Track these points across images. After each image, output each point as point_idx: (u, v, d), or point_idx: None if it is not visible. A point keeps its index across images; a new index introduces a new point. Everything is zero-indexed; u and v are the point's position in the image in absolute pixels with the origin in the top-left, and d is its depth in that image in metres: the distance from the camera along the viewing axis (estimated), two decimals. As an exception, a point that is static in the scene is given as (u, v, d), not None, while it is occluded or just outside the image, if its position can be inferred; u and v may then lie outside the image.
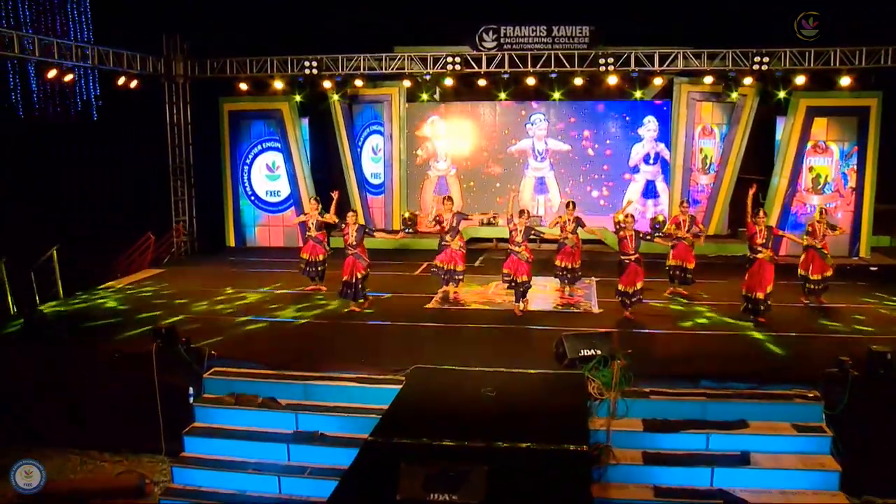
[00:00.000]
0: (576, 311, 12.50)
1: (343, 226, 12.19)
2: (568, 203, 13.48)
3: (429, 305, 12.79)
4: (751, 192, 12.06)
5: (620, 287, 11.72)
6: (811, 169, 17.80)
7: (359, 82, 17.89)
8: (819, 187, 17.76)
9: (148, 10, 17.28)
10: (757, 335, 10.85)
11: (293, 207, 19.05)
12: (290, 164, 19.04)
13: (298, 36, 17.18)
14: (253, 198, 19.57)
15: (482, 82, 17.78)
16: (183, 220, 18.48)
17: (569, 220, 13.25)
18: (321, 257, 13.56)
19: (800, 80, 16.36)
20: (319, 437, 8.67)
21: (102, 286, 14.43)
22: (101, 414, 9.97)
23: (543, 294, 13.60)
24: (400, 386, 8.91)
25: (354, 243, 12.04)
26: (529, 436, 7.19)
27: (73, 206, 14.38)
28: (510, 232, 11.95)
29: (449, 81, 17.58)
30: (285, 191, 19.31)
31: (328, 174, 19.56)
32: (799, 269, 12.74)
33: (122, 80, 15.90)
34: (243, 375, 9.62)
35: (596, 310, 12.43)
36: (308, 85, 17.92)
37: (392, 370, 9.35)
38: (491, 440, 7.09)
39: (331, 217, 12.92)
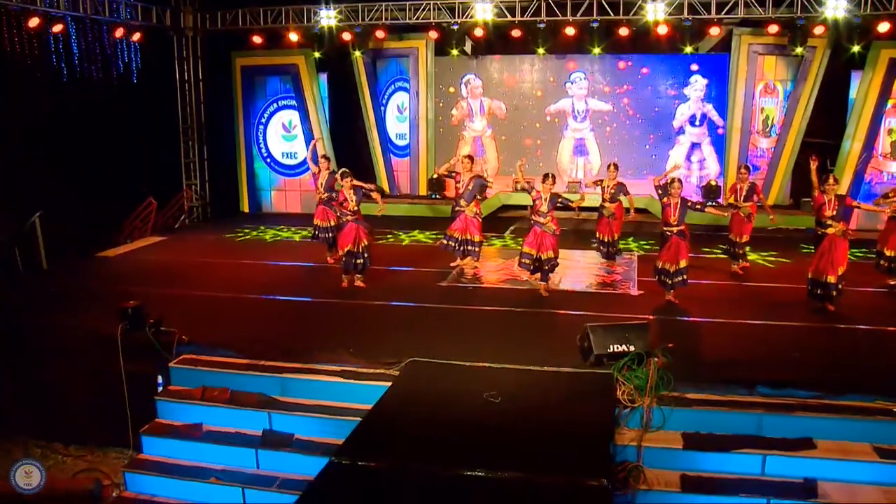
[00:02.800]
0: (612, 291, 10.93)
1: (338, 187, 10.73)
2: (610, 165, 11.78)
3: (443, 283, 11.31)
4: (812, 166, 10.22)
5: (659, 264, 10.05)
6: (891, 131, 15.63)
7: (380, 34, 16.40)
8: (900, 152, 15.65)
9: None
10: (828, 328, 9.09)
11: (310, 171, 17.64)
12: (306, 123, 17.61)
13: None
14: (268, 160, 18.22)
15: (517, 33, 16.04)
16: (194, 183, 17.29)
17: (609, 185, 11.58)
18: (333, 222, 12.30)
19: (883, 26, 14.13)
20: (291, 441, 7.40)
21: (97, 254, 13.34)
22: (66, 403, 8.91)
23: (577, 271, 12.03)
24: (390, 383, 7.52)
25: (356, 207, 10.58)
26: (532, 461, 5.74)
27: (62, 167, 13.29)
28: (533, 201, 10.26)
29: (480, 32, 15.89)
30: (302, 152, 17.89)
31: (350, 135, 18.11)
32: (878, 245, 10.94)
33: (120, 32, 14.55)
34: (215, 365, 8.37)
35: (635, 291, 10.82)
36: (326, 37, 16.38)
37: (385, 363, 7.99)
38: (481, 466, 5.62)
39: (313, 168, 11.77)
